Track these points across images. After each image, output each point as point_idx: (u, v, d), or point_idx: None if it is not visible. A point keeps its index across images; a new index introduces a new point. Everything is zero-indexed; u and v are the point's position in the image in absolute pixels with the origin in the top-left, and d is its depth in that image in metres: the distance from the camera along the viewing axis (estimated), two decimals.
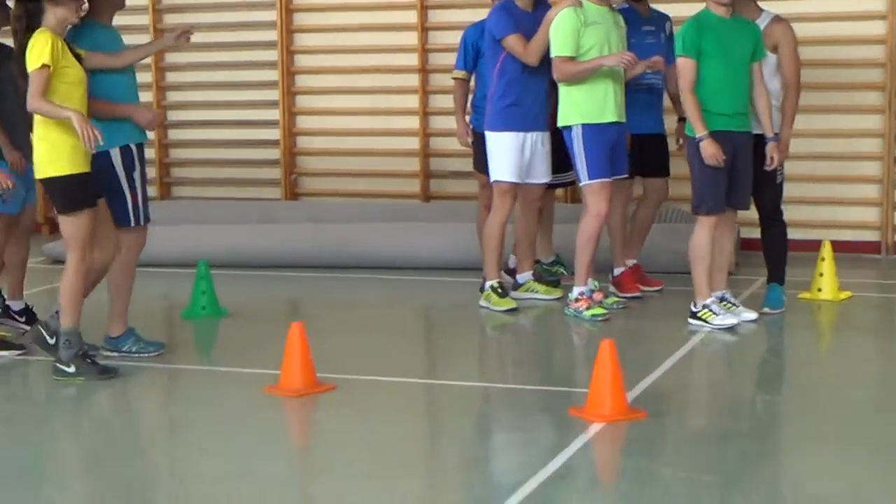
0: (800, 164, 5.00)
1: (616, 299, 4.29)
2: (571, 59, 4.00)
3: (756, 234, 4.31)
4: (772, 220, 4.12)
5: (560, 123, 4.11)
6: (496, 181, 4.23)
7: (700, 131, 3.78)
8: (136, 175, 3.42)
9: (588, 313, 4.06)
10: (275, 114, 6.07)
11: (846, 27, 5.14)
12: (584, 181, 4.07)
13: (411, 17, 5.81)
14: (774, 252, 4.13)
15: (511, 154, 4.19)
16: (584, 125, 4.02)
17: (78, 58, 3.17)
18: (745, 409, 3.11)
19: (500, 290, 4.26)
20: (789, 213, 4.36)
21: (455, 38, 4.71)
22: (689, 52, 3.79)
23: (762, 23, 3.99)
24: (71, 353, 3.19)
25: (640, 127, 4.25)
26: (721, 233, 3.92)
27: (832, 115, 5.23)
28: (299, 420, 3.07)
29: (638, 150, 4.29)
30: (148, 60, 5.40)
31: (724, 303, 3.96)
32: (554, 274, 4.70)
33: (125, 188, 3.37)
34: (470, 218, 4.78)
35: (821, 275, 4.21)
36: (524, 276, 4.46)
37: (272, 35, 6.00)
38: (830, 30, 5.13)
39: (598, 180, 4.05)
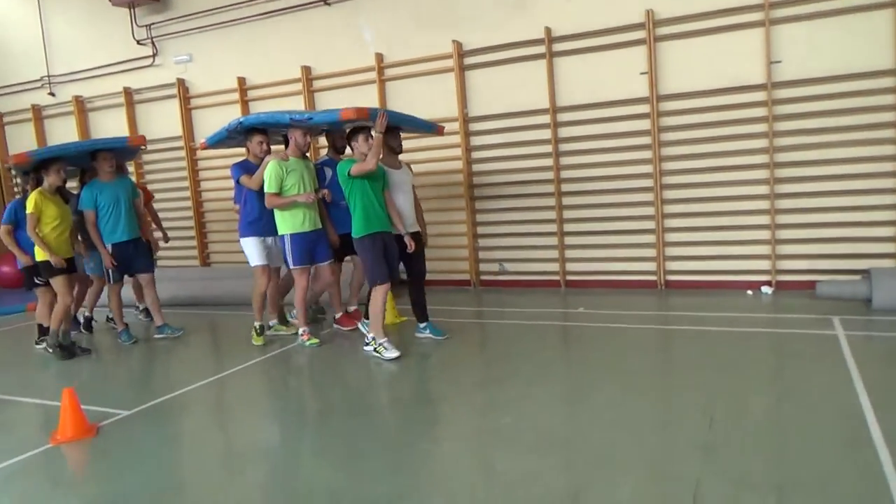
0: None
1: (315, 340, 6.23)
2: (276, 194, 5.93)
3: None
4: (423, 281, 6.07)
5: (279, 232, 6.10)
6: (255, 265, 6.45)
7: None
8: None
9: (309, 342, 6.14)
10: None
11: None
12: (292, 266, 6.08)
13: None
14: (424, 300, 6.12)
15: (259, 249, 6.33)
16: (292, 234, 6.02)
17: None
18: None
19: (258, 330, 6.52)
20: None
21: None
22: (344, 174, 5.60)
23: (405, 168, 6.08)
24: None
25: (345, 227, 5.97)
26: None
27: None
28: None
29: (346, 240, 6.14)
30: None
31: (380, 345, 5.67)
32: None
33: None
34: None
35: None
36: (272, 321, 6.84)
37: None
38: None
39: (300, 266, 6.09)
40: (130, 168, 10.58)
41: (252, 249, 6.36)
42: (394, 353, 5.53)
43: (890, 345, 5.38)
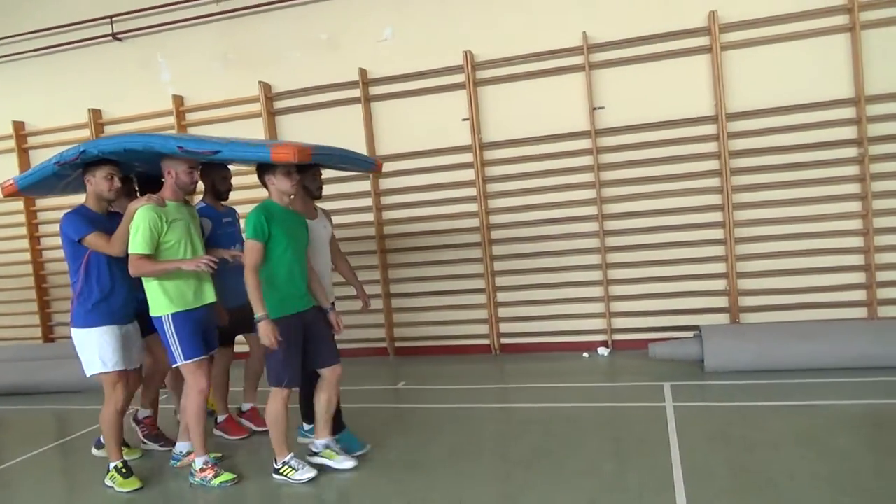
0: None
1: (230, 476, 4.15)
2: (149, 257, 3.82)
3: None
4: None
5: (153, 313, 3.96)
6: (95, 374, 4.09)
7: (260, 311, 3.75)
8: None
9: (217, 481, 4.09)
10: None
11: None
12: (182, 361, 3.99)
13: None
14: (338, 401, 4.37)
15: (112, 346, 4.05)
16: (174, 314, 3.92)
17: None
18: None
19: (124, 471, 4.17)
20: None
21: None
22: (258, 235, 3.76)
23: (323, 217, 4.41)
24: None
25: (240, 299, 4.13)
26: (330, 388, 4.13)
27: None
28: None
29: (238, 317, 4.53)
30: None
31: (329, 450, 4.19)
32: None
33: None
34: None
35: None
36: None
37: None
38: None
39: (195, 359, 4.00)
40: None
41: (99, 347, 4.04)
42: (309, 474, 4.08)
43: (717, 419, 4.95)
